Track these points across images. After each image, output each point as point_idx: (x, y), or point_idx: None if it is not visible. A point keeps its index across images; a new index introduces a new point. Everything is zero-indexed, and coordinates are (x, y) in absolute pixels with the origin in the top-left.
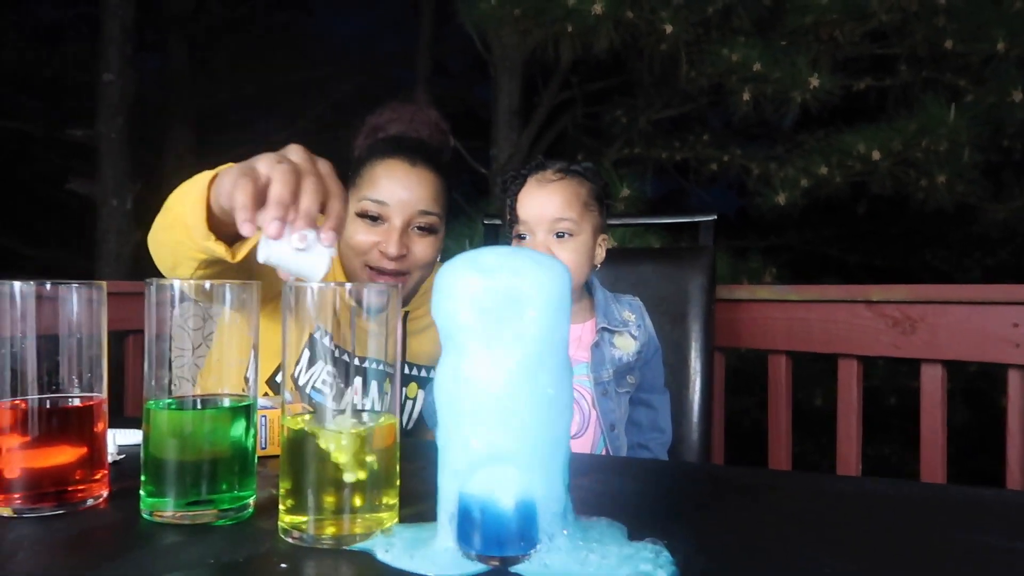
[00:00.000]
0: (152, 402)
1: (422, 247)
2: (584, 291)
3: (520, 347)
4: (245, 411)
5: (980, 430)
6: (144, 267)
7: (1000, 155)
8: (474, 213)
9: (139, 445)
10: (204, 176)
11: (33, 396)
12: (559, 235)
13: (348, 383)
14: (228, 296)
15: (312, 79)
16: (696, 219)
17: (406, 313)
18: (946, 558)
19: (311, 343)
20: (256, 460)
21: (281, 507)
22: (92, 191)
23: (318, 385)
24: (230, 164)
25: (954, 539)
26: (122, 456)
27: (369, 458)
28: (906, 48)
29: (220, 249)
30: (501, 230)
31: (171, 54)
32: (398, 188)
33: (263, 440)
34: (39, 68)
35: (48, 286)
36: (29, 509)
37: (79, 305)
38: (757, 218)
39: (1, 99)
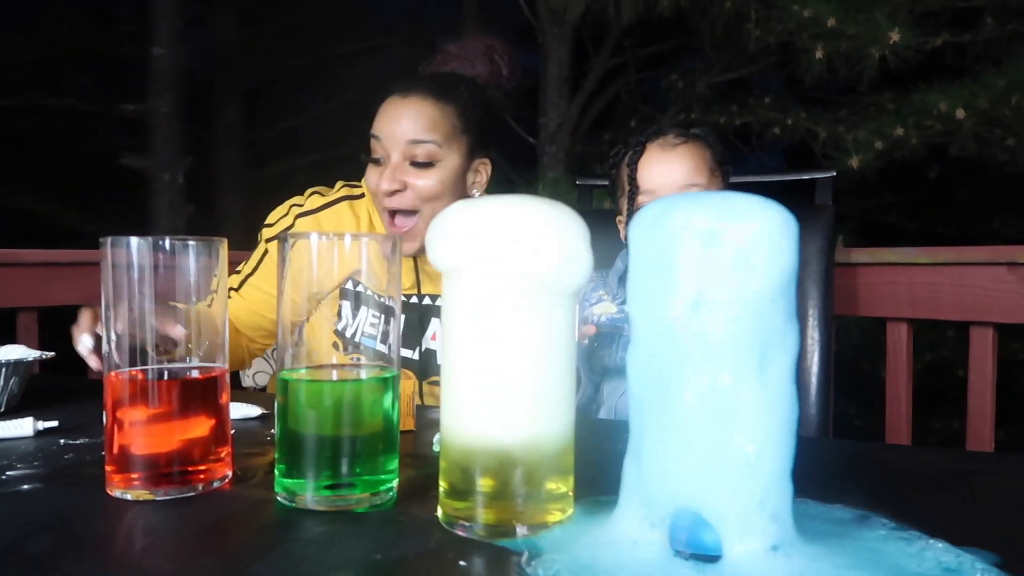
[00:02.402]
0: (287, 372)
1: (421, 180)
2: None
3: (748, 316)
4: (392, 382)
5: None
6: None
7: None
8: (522, 184)
9: (244, 420)
10: None
11: (152, 366)
12: None
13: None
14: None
15: (360, 51)
16: (815, 175)
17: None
18: None
19: (346, 295)
20: (399, 437)
21: (441, 490)
22: (145, 166)
23: (367, 330)
24: None
25: None
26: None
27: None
28: None
29: None
30: (613, 200)
31: (219, 28)
32: (389, 122)
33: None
34: (91, 45)
35: (166, 243)
36: (152, 491)
37: (197, 265)
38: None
39: (56, 77)
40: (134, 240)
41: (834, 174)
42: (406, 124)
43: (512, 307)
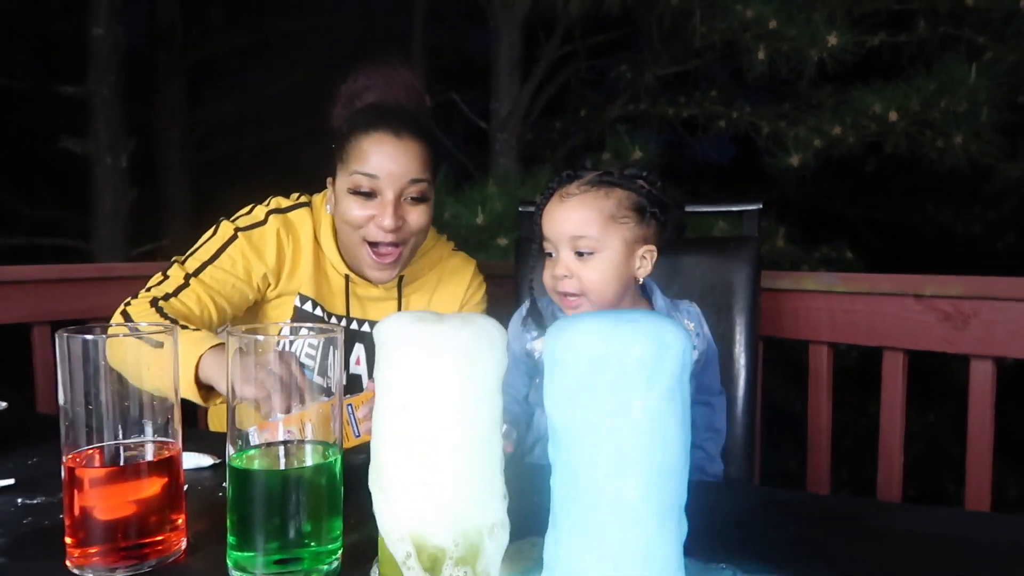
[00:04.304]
0: (238, 457)
1: (416, 215)
2: (640, 297)
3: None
4: (334, 465)
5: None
6: (141, 226)
7: (1017, 113)
8: (474, 170)
9: (196, 469)
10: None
11: (110, 442)
12: (579, 253)
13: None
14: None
15: (308, 29)
16: (741, 208)
17: (402, 277)
18: None
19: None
20: (342, 510)
21: (379, 560)
22: (86, 149)
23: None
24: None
25: None
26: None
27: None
28: (925, 3)
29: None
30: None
31: (161, 5)
32: (387, 161)
33: (355, 429)
34: (26, 21)
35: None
36: (109, 568)
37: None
38: (759, 170)
39: None
40: (89, 338)
41: (760, 207)
42: (406, 164)
43: (442, 399)
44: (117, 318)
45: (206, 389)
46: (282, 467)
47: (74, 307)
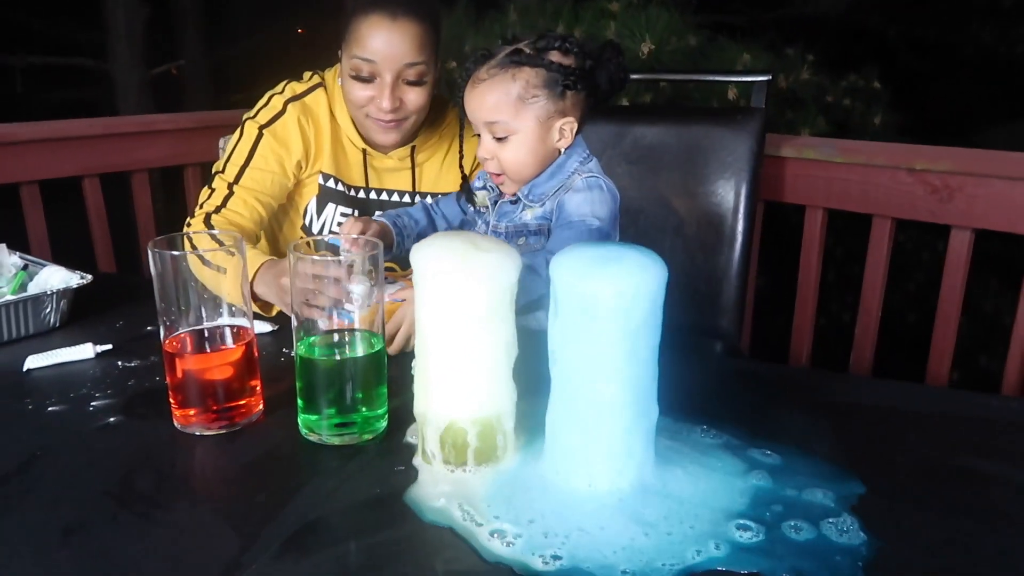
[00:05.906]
0: (302, 344)
1: (414, 96)
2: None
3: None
4: (378, 351)
5: None
6: (157, 45)
7: None
8: None
9: (259, 335)
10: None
11: (196, 327)
12: (497, 137)
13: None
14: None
15: None
16: (749, 79)
17: (413, 147)
18: None
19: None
20: (387, 383)
21: (420, 440)
22: None
23: (334, 228)
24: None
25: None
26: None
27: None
28: None
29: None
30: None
31: None
32: (383, 45)
33: None
34: None
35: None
36: (207, 426)
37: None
38: None
39: None
40: (176, 253)
41: (769, 78)
42: (401, 47)
43: (469, 317)
44: None
45: (262, 301)
46: (336, 354)
47: (120, 160)
